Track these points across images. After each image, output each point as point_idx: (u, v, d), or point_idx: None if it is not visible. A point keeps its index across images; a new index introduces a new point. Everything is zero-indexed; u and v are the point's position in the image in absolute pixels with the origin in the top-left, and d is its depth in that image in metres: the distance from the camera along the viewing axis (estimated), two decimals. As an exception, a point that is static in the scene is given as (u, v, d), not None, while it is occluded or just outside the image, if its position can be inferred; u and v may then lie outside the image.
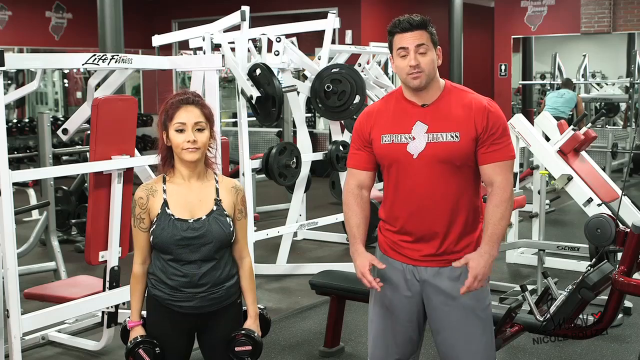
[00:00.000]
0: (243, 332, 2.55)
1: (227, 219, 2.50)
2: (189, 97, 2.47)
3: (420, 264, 2.56)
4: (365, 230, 2.63)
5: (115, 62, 3.77)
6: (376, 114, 2.59)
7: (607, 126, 11.63)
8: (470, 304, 2.54)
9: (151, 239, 2.48)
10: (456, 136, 2.46)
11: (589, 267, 3.38)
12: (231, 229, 2.50)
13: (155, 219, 2.47)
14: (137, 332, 2.53)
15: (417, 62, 2.44)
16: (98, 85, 4.18)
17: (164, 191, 2.49)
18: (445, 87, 2.54)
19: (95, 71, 4.16)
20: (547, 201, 6.97)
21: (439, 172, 2.48)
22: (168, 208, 2.47)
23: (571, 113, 10.17)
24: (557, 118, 6.30)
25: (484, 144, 2.48)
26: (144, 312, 2.58)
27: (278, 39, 5.48)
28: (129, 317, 2.58)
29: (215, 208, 2.49)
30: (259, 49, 5.54)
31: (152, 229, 2.47)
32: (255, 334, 2.56)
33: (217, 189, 2.53)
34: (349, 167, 2.67)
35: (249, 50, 5.24)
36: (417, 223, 2.53)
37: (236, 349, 2.53)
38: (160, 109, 2.50)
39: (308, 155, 5.76)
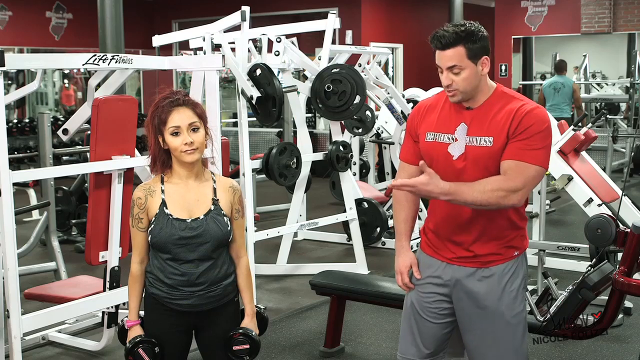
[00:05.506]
0: (241, 331, 2.56)
1: (225, 218, 2.51)
2: (178, 99, 2.46)
3: (454, 263, 2.54)
4: (412, 226, 2.67)
5: (116, 62, 3.78)
6: (427, 109, 2.58)
7: (607, 127, 11.61)
8: (501, 310, 2.52)
9: (149, 239, 2.49)
10: (489, 141, 2.41)
11: (589, 268, 3.37)
12: (228, 228, 2.51)
13: (154, 218, 2.47)
14: (136, 332, 2.54)
15: (450, 81, 2.41)
16: (98, 85, 4.19)
17: (162, 191, 2.50)
18: (494, 92, 2.49)
19: (96, 71, 4.16)
20: (548, 201, 6.97)
21: (475, 177, 2.41)
22: (166, 208, 2.47)
23: (572, 112, 10.11)
24: (559, 119, 6.28)
25: (509, 142, 2.39)
26: (142, 312, 2.59)
27: (278, 39, 5.48)
28: (127, 317, 2.59)
29: (212, 208, 2.50)
30: (259, 49, 5.54)
31: (150, 229, 2.48)
32: (253, 333, 2.58)
33: (214, 189, 2.54)
34: (401, 160, 2.68)
35: (249, 51, 5.24)
36: (452, 224, 2.52)
37: (234, 347, 2.55)
38: (150, 112, 2.48)
39: (308, 156, 5.76)
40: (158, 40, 5.60)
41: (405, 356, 2.69)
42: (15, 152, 9.69)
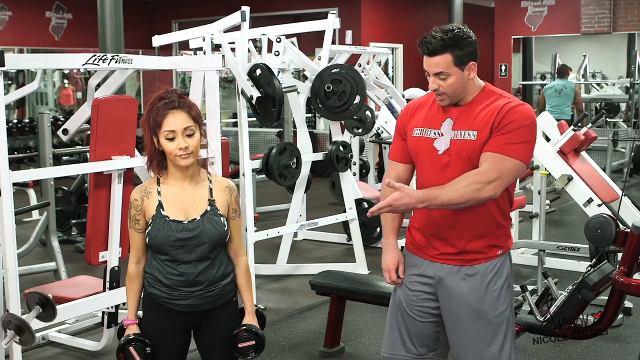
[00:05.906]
0: (244, 327, 2.56)
1: (221, 218, 2.51)
2: (174, 101, 2.45)
3: (438, 260, 2.55)
4: (399, 224, 2.69)
5: (116, 62, 3.77)
6: (415, 108, 2.62)
7: (607, 128, 11.61)
8: (483, 309, 2.51)
9: (147, 240, 2.49)
10: (473, 135, 2.43)
11: (589, 268, 3.37)
12: (225, 228, 2.51)
13: (151, 220, 2.48)
14: (131, 330, 2.55)
15: (437, 86, 2.44)
16: (98, 85, 4.18)
17: (159, 193, 2.50)
18: (482, 90, 2.50)
19: (96, 71, 4.16)
20: (548, 201, 6.97)
21: (460, 172, 2.43)
22: (163, 209, 2.47)
23: (572, 112, 10.12)
24: (560, 120, 6.29)
25: (491, 136, 2.41)
26: (140, 312, 2.59)
27: (278, 39, 5.48)
28: (126, 317, 2.59)
29: (209, 208, 2.50)
30: (259, 49, 5.54)
31: (147, 231, 2.48)
32: (257, 328, 2.58)
33: (210, 189, 2.54)
34: (390, 159, 2.70)
35: (249, 51, 5.24)
36: (436, 222, 2.52)
37: (240, 345, 2.54)
38: (146, 112, 2.48)
39: (308, 156, 5.76)
40: (158, 40, 5.59)
41: (393, 354, 2.68)
42: (15, 152, 9.69)
